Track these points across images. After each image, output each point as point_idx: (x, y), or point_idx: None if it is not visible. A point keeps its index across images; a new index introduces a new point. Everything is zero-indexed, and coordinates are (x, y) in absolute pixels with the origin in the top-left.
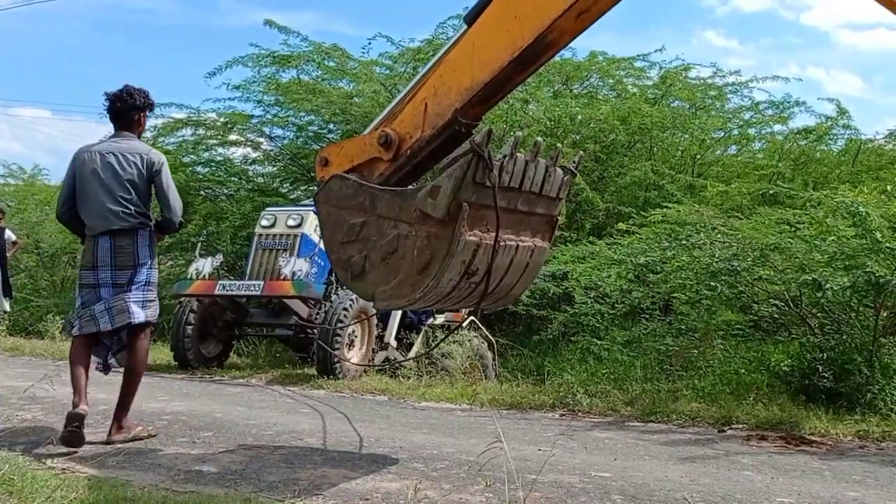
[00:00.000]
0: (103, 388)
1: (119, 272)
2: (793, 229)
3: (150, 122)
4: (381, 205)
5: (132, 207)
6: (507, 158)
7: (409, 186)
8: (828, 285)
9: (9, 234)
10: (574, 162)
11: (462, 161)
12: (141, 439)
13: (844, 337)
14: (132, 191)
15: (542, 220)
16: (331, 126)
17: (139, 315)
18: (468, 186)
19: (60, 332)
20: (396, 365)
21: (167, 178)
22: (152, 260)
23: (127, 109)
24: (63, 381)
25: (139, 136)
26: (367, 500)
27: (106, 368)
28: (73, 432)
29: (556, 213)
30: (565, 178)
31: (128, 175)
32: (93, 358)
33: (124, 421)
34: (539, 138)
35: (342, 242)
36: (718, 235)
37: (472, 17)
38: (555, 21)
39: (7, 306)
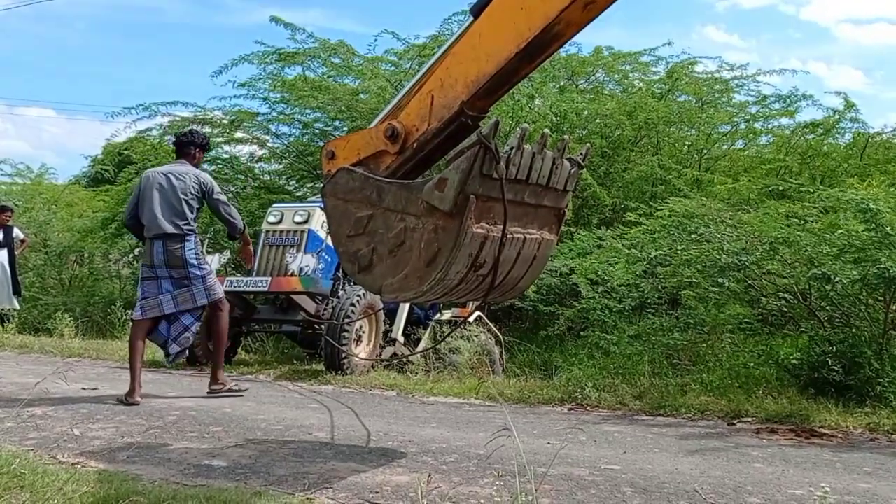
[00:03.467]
0: (115, 385)
1: (173, 270)
2: (802, 222)
3: (157, 121)
4: (388, 197)
5: (179, 219)
6: (514, 150)
7: (416, 179)
8: (837, 279)
9: (17, 231)
10: (581, 154)
11: (469, 153)
12: (232, 392)
13: (854, 330)
14: (182, 204)
15: (550, 212)
16: (336, 123)
17: (203, 300)
18: (475, 178)
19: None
20: (404, 361)
21: (218, 195)
22: (199, 259)
23: (186, 143)
24: (73, 377)
25: (196, 161)
26: (377, 493)
27: (167, 354)
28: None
29: (563, 205)
30: (573, 171)
31: (179, 192)
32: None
33: (219, 375)
34: (546, 130)
35: (349, 235)
36: (728, 229)
37: (478, 9)
38: (561, 12)
39: (16, 304)
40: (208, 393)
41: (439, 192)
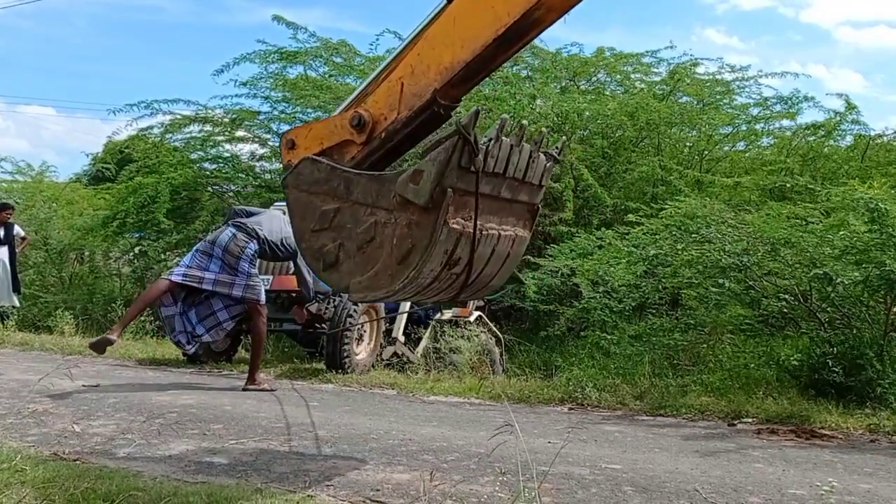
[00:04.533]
0: (116, 383)
1: (228, 255)
2: (804, 223)
3: (158, 119)
4: (357, 190)
5: (262, 231)
6: (492, 142)
7: (386, 171)
8: (839, 280)
9: (18, 229)
10: (557, 148)
11: (447, 144)
12: (265, 390)
13: (854, 332)
14: (276, 238)
15: (524, 208)
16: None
17: (238, 292)
18: (453, 171)
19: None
20: (405, 360)
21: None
22: (252, 260)
23: None
24: (74, 375)
25: None
26: (378, 490)
27: (190, 341)
28: (98, 344)
29: (537, 200)
30: (548, 165)
31: (283, 233)
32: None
33: (256, 375)
34: (524, 121)
35: (314, 230)
36: (729, 229)
37: None
38: None
39: (16, 301)
40: (243, 390)
41: (414, 184)
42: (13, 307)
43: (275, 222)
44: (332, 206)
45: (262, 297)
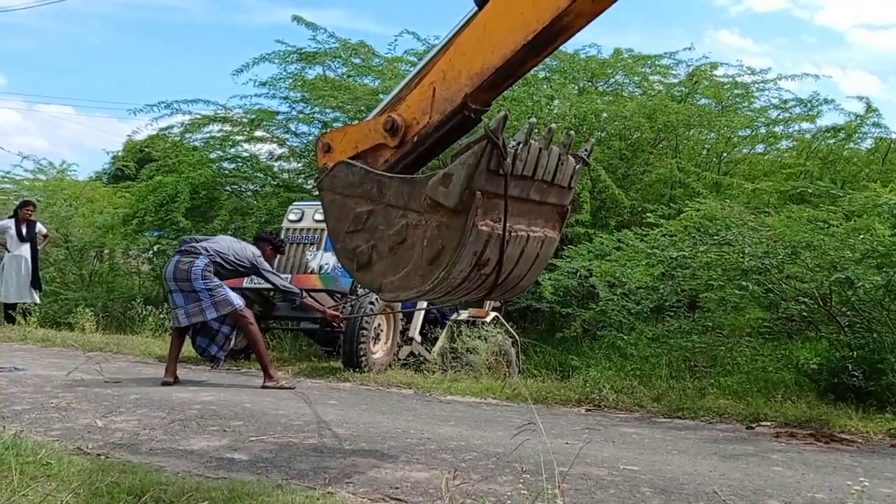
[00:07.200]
0: (137, 378)
1: (181, 283)
2: (825, 226)
3: (178, 119)
4: (390, 193)
5: (209, 249)
6: (521, 146)
7: (417, 174)
8: (860, 283)
9: (39, 226)
10: (586, 150)
11: (476, 148)
12: (283, 388)
13: (875, 336)
14: (228, 253)
15: (553, 209)
16: (356, 122)
17: (211, 313)
18: (482, 174)
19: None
20: (421, 360)
21: (263, 266)
22: (205, 274)
23: (263, 237)
24: (95, 370)
25: (264, 256)
26: (397, 488)
27: (213, 360)
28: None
29: (566, 202)
30: (577, 167)
31: (234, 252)
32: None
33: (271, 372)
34: (553, 125)
35: (348, 231)
36: (749, 232)
37: None
38: (571, 3)
39: (37, 298)
40: (262, 388)
41: (444, 187)
42: (34, 304)
43: (223, 241)
44: (366, 209)
45: (237, 302)
